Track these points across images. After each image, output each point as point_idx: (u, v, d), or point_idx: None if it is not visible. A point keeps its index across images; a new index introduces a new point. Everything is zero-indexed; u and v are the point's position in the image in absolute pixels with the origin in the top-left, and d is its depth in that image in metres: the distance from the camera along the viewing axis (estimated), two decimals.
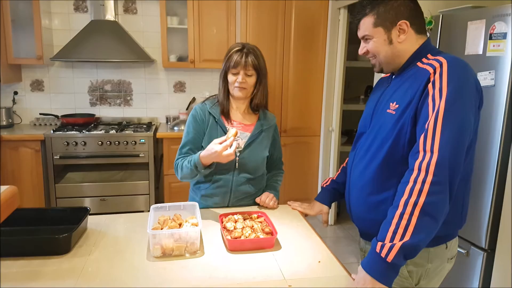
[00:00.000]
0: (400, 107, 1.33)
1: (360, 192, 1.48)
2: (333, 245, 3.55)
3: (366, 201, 1.45)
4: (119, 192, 3.56)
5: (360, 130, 1.57)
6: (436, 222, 1.19)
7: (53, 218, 1.64)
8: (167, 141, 3.61)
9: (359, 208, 1.50)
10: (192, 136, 1.86)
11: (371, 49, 1.42)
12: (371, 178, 1.42)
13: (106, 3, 3.64)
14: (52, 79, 3.91)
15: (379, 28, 1.37)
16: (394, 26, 1.35)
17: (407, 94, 1.33)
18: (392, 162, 1.35)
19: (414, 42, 1.38)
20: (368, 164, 1.43)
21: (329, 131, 3.90)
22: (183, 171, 1.79)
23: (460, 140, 1.21)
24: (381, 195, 1.39)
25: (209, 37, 3.76)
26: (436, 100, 1.22)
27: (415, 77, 1.33)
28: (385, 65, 1.43)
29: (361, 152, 1.49)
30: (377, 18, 1.36)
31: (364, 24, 1.40)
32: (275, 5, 3.67)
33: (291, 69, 3.82)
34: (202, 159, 1.69)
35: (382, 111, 1.43)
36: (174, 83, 4.14)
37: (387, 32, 1.36)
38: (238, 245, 1.48)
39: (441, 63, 1.27)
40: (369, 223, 1.45)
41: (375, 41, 1.39)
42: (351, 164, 1.56)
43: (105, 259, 1.40)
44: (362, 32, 1.42)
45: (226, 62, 1.81)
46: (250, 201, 1.94)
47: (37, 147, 3.40)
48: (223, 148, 1.60)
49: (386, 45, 1.38)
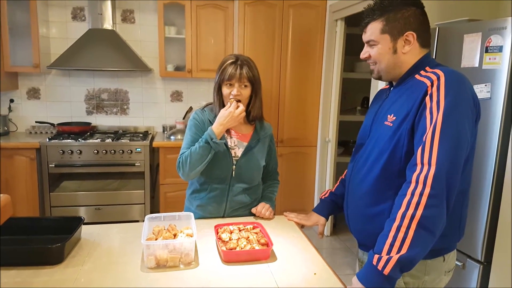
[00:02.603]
0: (397, 119, 1.33)
1: (358, 204, 1.48)
2: (329, 257, 3.53)
3: (363, 212, 1.45)
4: (114, 201, 3.53)
5: (359, 142, 1.57)
6: (433, 236, 1.19)
7: (47, 228, 1.62)
8: (163, 150, 3.59)
9: (357, 220, 1.50)
10: (195, 137, 1.83)
11: (374, 55, 1.41)
12: (369, 190, 1.41)
13: (104, 12, 3.65)
14: (49, 87, 3.91)
15: (386, 35, 1.36)
16: (401, 36, 1.35)
17: (404, 106, 1.33)
18: (389, 174, 1.35)
19: (417, 55, 1.38)
20: (366, 176, 1.43)
21: (325, 142, 3.90)
22: (192, 157, 1.73)
23: (457, 153, 1.21)
24: (378, 207, 1.39)
25: (206, 47, 3.77)
26: (434, 113, 1.22)
27: (412, 89, 1.33)
28: (384, 73, 1.43)
29: (359, 164, 1.49)
30: (385, 25, 1.36)
31: (371, 29, 1.40)
32: (272, 16, 3.69)
33: (288, 79, 3.83)
34: (215, 129, 1.74)
35: (380, 123, 1.42)
36: (171, 92, 4.15)
37: (393, 41, 1.36)
38: (233, 256, 1.46)
39: (439, 76, 1.27)
40: (367, 234, 1.45)
41: (379, 48, 1.39)
42: (350, 176, 1.55)
43: (98, 270, 1.38)
44: (368, 37, 1.41)
45: (220, 75, 1.79)
46: (246, 211, 1.93)
47: (32, 155, 3.37)
48: (234, 107, 1.72)
49: (390, 53, 1.38)
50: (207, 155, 1.74)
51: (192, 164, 1.75)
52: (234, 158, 1.85)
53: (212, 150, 1.74)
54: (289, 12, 3.71)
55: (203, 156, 1.73)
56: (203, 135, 1.76)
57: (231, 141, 1.87)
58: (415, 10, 1.36)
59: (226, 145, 1.82)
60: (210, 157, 1.75)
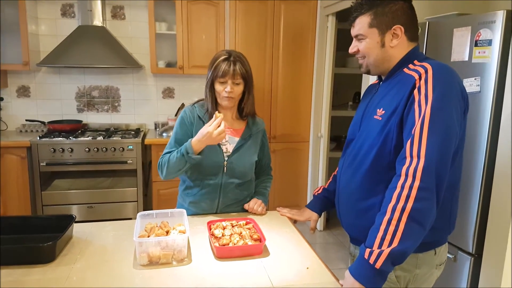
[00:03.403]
0: (386, 113, 1.34)
1: (349, 198, 1.48)
2: (322, 252, 3.55)
3: (354, 207, 1.46)
4: (107, 199, 3.52)
5: (349, 137, 1.57)
6: (423, 228, 1.20)
7: (38, 226, 1.61)
8: (155, 147, 3.58)
9: (348, 214, 1.51)
10: (178, 138, 1.85)
11: (362, 49, 1.42)
12: (359, 184, 1.42)
13: (94, 8, 3.61)
14: (39, 85, 3.87)
15: (374, 29, 1.37)
16: (388, 30, 1.36)
17: (393, 100, 1.33)
18: (379, 168, 1.36)
19: (405, 48, 1.39)
20: (356, 171, 1.44)
21: (318, 137, 3.91)
22: (169, 164, 1.76)
23: (446, 145, 1.22)
24: (369, 201, 1.39)
25: (198, 43, 3.76)
26: (422, 106, 1.23)
27: (401, 83, 1.34)
28: (373, 67, 1.44)
29: (349, 159, 1.50)
30: (373, 19, 1.36)
31: (359, 23, 1.40)
32: (264, 11, 3.69)
33: (280, 75, 3.83)
34: (194, 144, 1.70)
35: (369, 117, 1.43)
36: (163, 89, 4.13)
37: (381, 34, 1.37)
38: (226, 252, 1.47)
39: (426, 69, 1.28)
40: (358, 229, 1.46)
41: (367, 41, 1.39)
42: (340, 171, 1.56)
43: (91, 268, 1.37)
44: (356, 31, 1.42)
45: (213, 71, 1.78)
46: (239, 207, 1.93)
47: (23, 154, 3.34)
48: (214, 127, 1.64)
49: (378, 47, 1.38)
50: (183, 166, 1.75)
51: (169, 171, 1.78)
52: (226, 153, 1.85)
53: (187, 163, 1.74)
54: (281, 7, 3.71)
55: (179, 166, 1.75)
56: (182, 146, 1.74)
57: None
58: (402, 4, 1.37)
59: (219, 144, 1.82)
60: (187, 168, 1.76)
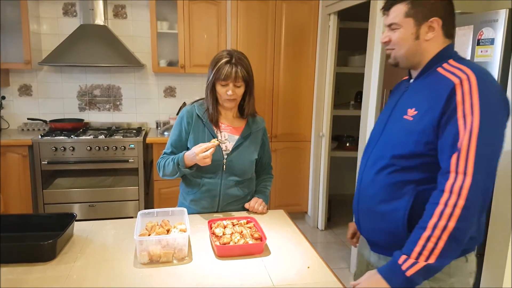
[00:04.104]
0: (418, 114, 1.27)
1: (370, 201, 1.41)
2: (323, 251, 3.54)
3: (376, 210, 1.38)
4: (108, 198, 3.52)
5: (373, 135, 1.50)
6: (461, 246, 1.17)
7: (39, 225, 1.62)
8: (157, 146, 3.58)
9: (369, 218, 1.43)
10: (174, 139, 1.91)
11: (395, 40, 1.34)
12: (382, 186, 1.35)
13: (95, 7, 3.61)
14: (41, 83, 3.87)
15: (410, 19, 1.29)
16: (425, 21, 1.29)
17: (427, 102, 1.26)
18: (405, 170, 1.30)
19: (439, 44, 1.32)
20: (379, 172, 1.37)
21: (319, 136, 3.90)
22: (165, 169, 1.85)
23: (493, 163, 1.18)
24: (392, 204, 1.33)
25: (199, 42, 3.75)
26: (467, 118, 1.16)
27: (437, 84, 1.26)
28: (402, 59, 1.36)
29: (373, 158, 1.43)
30: (410, 8, 1.29)
31: (394, 11, 1.32)
32: (265, 10, 3.68)
33: (282, 74, 3.82)
34: (186, 158, 1.76)
35: (398, 116, 1.36)
36: (164, 88, 4.12)
37: (417, 25, 1.29)
38: (227, 251, 1.46)
39: (468, 76, 1.20)
40: (379, 233, 1.40)
41: (401, 32, 1.32)
42: (362, 171, 1.48)
43: (91, 266, 1.37)
44: (391, 20, 1.34)
45: (215, 73, 1.77)
46: (239, 205, 1.93)
47: (25, 152, 3.35)
48: (200, 151, 1.66)
49: (412, 39, 1.31)
50: (176, 174, 1.84)
51: (165, 174, 1.88)
52: (225, 152, 1.86)
53: (179, 173, 1.82)
54: (282, 6, 3.70)
55: (173, 173, 1.84)
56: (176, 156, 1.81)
57: (221, 135, 1.88)
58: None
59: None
60: (180, 175, 1.85)
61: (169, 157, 1.86)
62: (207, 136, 1.84)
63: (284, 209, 2.03)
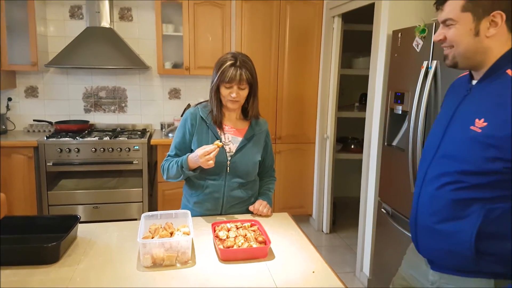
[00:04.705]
0: (489, 126, 1.13)
1: (430, 219, 1.28)
2: (328, 255, 3.53)
3: (437, 229, 1.26)
4: (112, 199, 3.53)
5: (429, 145, 1.36)
6: None
7: (43, 226, 1.61)
8: (161, 147, 3.58)
9: (429, 237, 1.30)
10: (178, 141, 1.91)
11: (450, 37, 1.21)
12: (445, 204, 1.23)
13: (101, 10, 3.63)
14: (47, 85, 3.89)
15: (468, 13, 1.16)
16: (486, 16, 1.15)
17: (499, 112, 1.12)
18: (473, 188, 1.17)
19: (504, 41, 1.17)
20: (442, 187, 1.24)
21: (324, 138, 3.89)
22: (169, 172, 1.87)
23: None
24: (457, 224, 1.21)
25: (204, 44, 3.76)
26: None
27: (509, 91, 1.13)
28: (461, 59, 1.22)
29: (432, 173, 1.29)
30: (468, 1, 1.16)
31: (449, 6, 1.20)
32: (269, 13, 3.68)
33: (286, 76, 3.82)
34: (189, 161, 1.77)
35: (462, 125, 1.22)
36: (169, 90, 4.13)
37: (476, 20, 1.16)
38: (230, 254, 1.46)
39: None
40: (441, 253, 1.27)
41: (458, 28, 1.19)
42: (421, 184, 1.35)
43: (94, 269, 1.37)
44: (445, 15, 1.21)
45: (219, 76, 1.78)
46: (243, 207, 1.93)
47: (30, 153, 3.36)
48: (203, 153, 1.67)
49: (471, 36, 1.17)
50: (180, 176, 1.85)
51: (168, 177, 1.90)
52: (229, 153, 1.86)
53: (183, 175, 1.83)
54: (286, 8, 3.70)
55: (176, 175, 1.85)
56: (180, 159, 1.82)
57: (225, 137, 1.88)
58: None
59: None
60: (184, 177, 1.87)
61: (173, 159, 1.86)
62: (211, 138, 1.84)
63: (288, 211, 2.03)
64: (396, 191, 2.54)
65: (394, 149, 2.57)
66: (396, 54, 2.55)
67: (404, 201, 2.42)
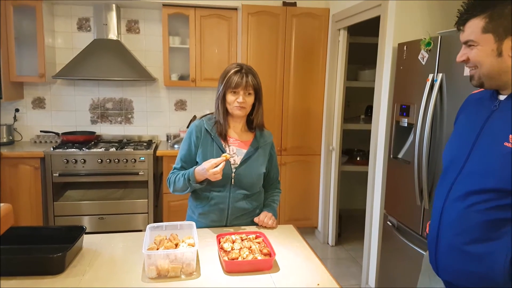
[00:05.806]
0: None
1: (458, 239, 1.23)
2: (333, 267, 3.49)
3: (465, 250, 1.21)
4: (118, 210, 3.53)
5: (453, 160, 1.31)
6: None
7: (48, 237, 1.62)
8: (167, 159, 3.59)
9: (453, 258, 1.25)
10: (183, 154, 1.93)
11: (473, 58, 1.20)
12: (476, 224, 1.18)
13: (109, 22, 3.68)
14: (54, 96, 3.93)
15: (489, 35, 1.15)
16: (508, 36, 1.13)
17: None
18: (508, 208, 1.13)
19: None
20: (473, 206, 1.19)
21: (329, 150, 3.89)
22: (176, 184, 1.87)
23: None
24: (488, 245, 1.16)
25: (210, 56, 3.79)
26: None
27: None
28: (486, 79, 1.20)
29: (459, 191, 1.24)
30: (488, 22, 1.14)
31: (470, 27, 1.18)
32: (275, 25, 3.71)
33: (291, 88, 3.83)
34: (196, 174, 1.77)
35: (495, 141, 1.18)
36: (175, 101, 4.16)
37: (498, 41, 1.14)
38: (235, 266, 1.45)
39: None
40: (468, 276, 1.22)
41: (480, 49, 1.18)
42: (442, 204, 1.30)
43: (99, 280, 1.37)
44: (466, 36, 1.20)
45: (225, 83, 1.81)
46: (248, 219, 1.92)
47: (37, 164, 3.39)
48: (210, 166, 1.68)
49: (493, 56, 1.16)
50: (187, 189, 1.85)
51: (175, 190, 1.89)
52: (233, 165, 1.86)
53: (190, 188, 1.83)
54: (292, 21, 3.73)
55: (183, 188, 1.85)
56: (187, 171, 1.82)
57: (229, 149, 1.88)
58: None
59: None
60: (191, 190, 1.86)
61: (179, 172, 1.87)
62: (216, 150, 1.85)
63: (294, 223, 2.02)
64: (402, 204, 2.53)
65: (400, 162, 2.56)
66: (402, 66, 2.55)
67: (410, 214, 2.41)
